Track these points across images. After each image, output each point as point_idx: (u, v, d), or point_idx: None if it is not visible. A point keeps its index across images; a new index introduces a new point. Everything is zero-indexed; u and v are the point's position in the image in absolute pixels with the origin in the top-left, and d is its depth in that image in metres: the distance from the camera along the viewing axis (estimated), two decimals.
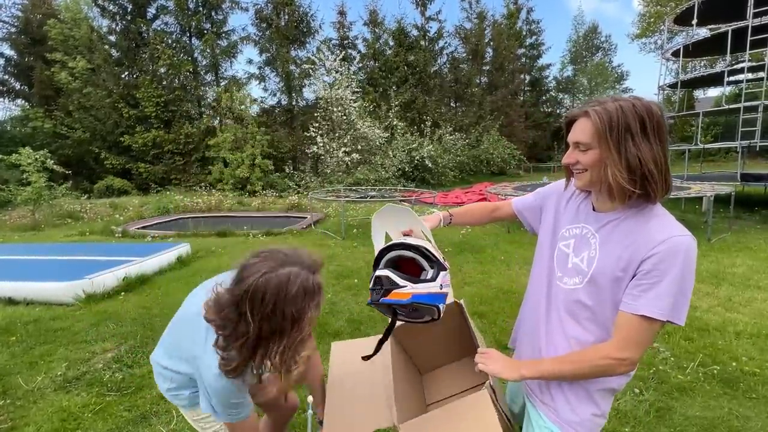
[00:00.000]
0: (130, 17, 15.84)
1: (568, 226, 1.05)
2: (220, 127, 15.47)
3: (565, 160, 0.96)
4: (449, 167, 17.32)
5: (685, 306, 0.86)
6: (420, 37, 21.06)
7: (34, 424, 2.02)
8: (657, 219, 0.89)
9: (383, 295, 0.96)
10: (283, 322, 0.87)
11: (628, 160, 0.84)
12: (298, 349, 0.90)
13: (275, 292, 0.86)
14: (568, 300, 1.00)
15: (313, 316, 0.90)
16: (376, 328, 3.15)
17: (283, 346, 0.88)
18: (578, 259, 0.99)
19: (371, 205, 10.57)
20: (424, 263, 1.03)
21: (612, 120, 0.84)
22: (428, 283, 0.99)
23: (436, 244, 1.10)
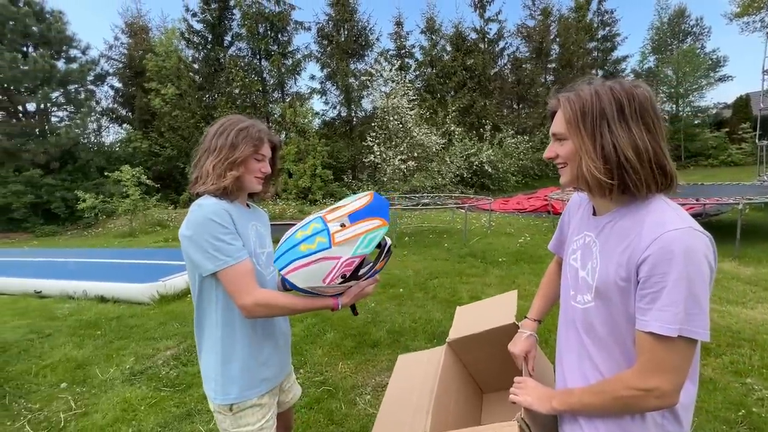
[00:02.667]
0: (210, 46, 17.69)
1: (575, 237, 0.94)
2: (285, 141, 16.51)
3: (545, 154, 0.88)
4: (511, 172, 16.54)
5: (701, 315, 0.69)
6: (479, 40, 20.55)
7: (102, 411, 2.28)
8: (653, 215, 0.75)
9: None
10: (225, 140, 1.11)
11: (603, 148, 0.75)
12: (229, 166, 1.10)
13: (231, 123, 1.15)
14: (585, 321, 0.87)
15: (245, 150, 1.12)
16: (416, 340, 3.05)
17: (220, 157, 1.10)
18: (584, 272, 0.87)
19: (425, 212, 10.45)
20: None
21: (585, 106, 0.76)
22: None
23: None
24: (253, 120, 1.18)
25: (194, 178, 1.14)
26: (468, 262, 5.42)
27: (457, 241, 6.85)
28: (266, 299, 1.04)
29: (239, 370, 1.13)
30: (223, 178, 1.09)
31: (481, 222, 8.86)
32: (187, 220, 1.05)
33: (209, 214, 1.03)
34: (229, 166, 1.10)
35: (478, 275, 4.80)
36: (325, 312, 1.21)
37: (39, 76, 13.87)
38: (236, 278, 1.03)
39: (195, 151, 1.19)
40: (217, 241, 1.02)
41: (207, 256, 1.02)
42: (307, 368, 2.70)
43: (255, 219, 1.24)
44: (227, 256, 1.03)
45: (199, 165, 1.14)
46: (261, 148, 1.16)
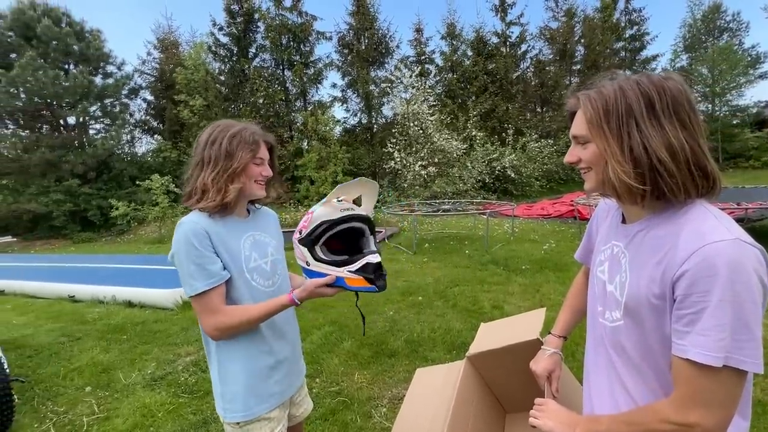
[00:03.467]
0: (236, 58, 18.29)
1: (603, 246, 0.86)
2: (307, 148, 16.78)
3: (566, 159, 0.81)
4: (535, 176, 16.14)
5: (751, 342, 0.59)
6: (500, 44, 20.30)
7: (122, 417, 2.31)
8: (692, 223, 0.66)
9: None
10: (219, 150, 1.05)
11: (632, 150, 0.67)
12: (230, 178, 1.06)
13: (221, 129, 1.09)
14: (615, 340, 0.79)
15: (244, 158, 1.06)
16: (435, 351, 2.97)
17: (217, 169, 1.04)
18: (612, 286, 0.79)
19: (445, 218, 10.31)
20: (369, 238, 1.10)
21: (608, 103, 0.69)
22: (360, 276, 1.04)
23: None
24: (243, 123, 1.13)
25: (188, 192, 1.09)
26: (490, 270, 5.27)
27: (479, 247, 6.69)
28: (221, 323, 1.02)
29: (243, 386, 1.10)
30: (226, 193, 1.05)
31: (504, 228, 8.64)
32: (173, 239, 1.03)
33: (186, 235, 1.00)
34: (229, 178, 1.06)
35: (501, 283, 4.65)
36: (343, 320, 1.20)
37: (78, 92, 14.71)
38: (200, 305, 1.02)
39: (186, 164, 1.13)
40: (192, 264, 1.00)
41: (184, 281, 1.02)
42: (323, 377, 2.66)
43: (254, 228, 1.19)
44: (196, 281, 1.00)
45: (193, 178, 1.08)
46: (258, 152, 1.11)
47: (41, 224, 14.18)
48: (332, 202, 1.08)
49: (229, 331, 1.03)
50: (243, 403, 1.10)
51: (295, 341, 1.26)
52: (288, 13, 17.45)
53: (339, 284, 1.03)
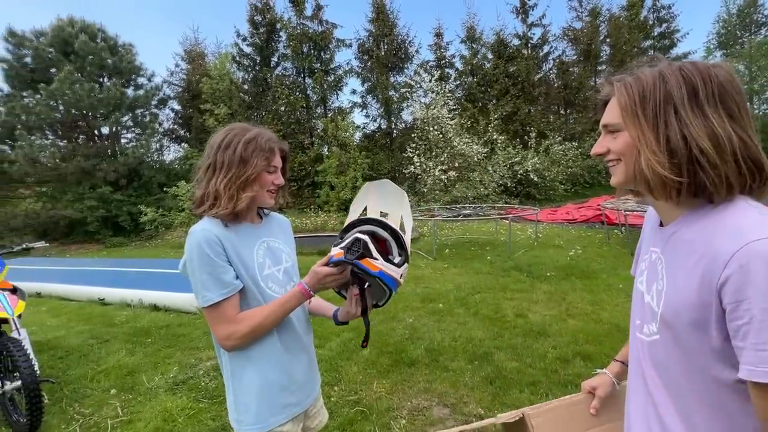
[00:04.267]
0: (258, 67, 18.75)
1: (644, 255, 0.79)
2: (328, 154, 16.95)
3: (594, 150, 0.74)
4: (559, 180, 15.71)
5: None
6: (522, 46, 19.99)
7: (144, 420, 2.35)
8: (732, 219, 0.59)
9: (357, 257, 0.97)
10: (233, 155, 1.01)
11: (669, 140, 0.61)
12: (242, 185, 1.02)
13: (236, 133, 1.04)
14: (651, 357, 0.71)
15: (258, 165, 1.03)
16: (456, 361, 2.88)
17: (230, 176, 1.00)
18: (649, 296, 0.72)
19: (466, 223, 10.15)
20: (394, 248, 1.03)
21: (645, 89, 0.64)
22: (395, 267, 1.00)
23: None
24: (258, 128, 1.09)
25: (199, 197, 1.04)
26: (512, 276, 5.12)
27: (501, 253, 6.53)
28: (234, 332, 0.99)
29: (256, 396, 1.06)
30: (238, 201, 1.02)
31: (527, 233, 8.41)
32: (185, 248, 1.01)
33: (198, 244, 0.97)
34: (242, 185, 1.02)
35: (524, 290, 4.50)
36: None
37: (112, 103, 15.42)
38: (213, 316, 1.00)
39: (196, 166, 1.10)
40: (204, 274, 0.97)
41: (196, 291, 1.00)
42: (342, 386, 2.63)
43: (267, 234, 1.16)
44: (209, 292, 0.98)
45: (204, 182, 1.04)
46: (273, 160, 1.08)
47: (76, 229, 14.89)
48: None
49: (244, 339, 1.01)
50: (256, 415, 1.07)
51: (310, 350, 1.23)
52: (309, 22, 17.78)
53: (330, 261, 1.01)
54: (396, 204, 1.13)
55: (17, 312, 2.28)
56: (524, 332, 3.31)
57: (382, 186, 1.14)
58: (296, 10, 17.53)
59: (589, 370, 2.59)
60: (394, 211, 1.12)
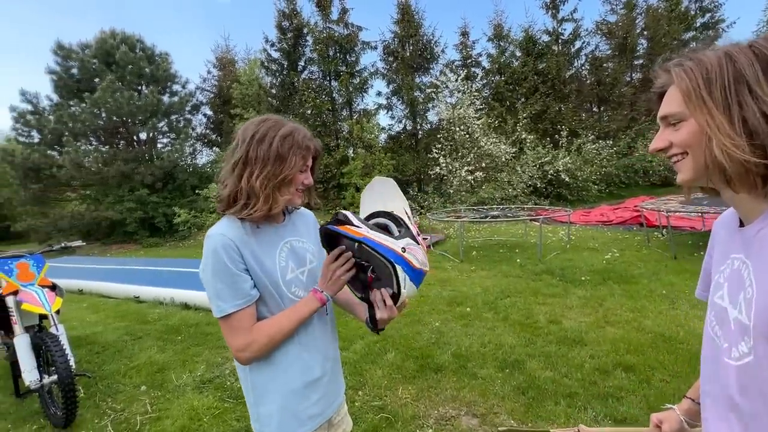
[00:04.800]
0: (286, 72, 19.15)
1: (720, 266, 0.68)
2: (353, 156, 17.05)
3: (653, 145, 0.66)
4: (592, 180, 15.06)
5: None
6: (552, 42, 19.35)
7: (171, 418, 2.37)
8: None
9: (334, 224, 0.89)
10: (269, 151, 0.92)
11: (745, 120, 0.54)
12: (278, 185, 0.94)
13: (270, 126, 0.95)
14: (742, 385, 0.58)
15: (296, 164, 0.95)
16: (485, 368, 2.75)
17: (265, 173, 0.92)
18: (736, 310, 0.61)
19: (494, 225, 9.88)
20: (393, 228, 0.94)
21: (710, 71, 0.57)
22: (387, 237, 0.89)
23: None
24: (293, 123, 1.01)
25: (228, 195, 0.95)
26: (544, 280, 4.90)
27: (531, 256, 6.28)
28: (249, 344, 0.93)
29: (279, 406, 1.01)
30: (275, 203, 0.94)
31: (559, 235, 8.07)
32: (203, 253, 0.94)
33: (215, 250, 0.90)
34: (278, 185, 0.94)
35: (557, 295, 4.29)
36: (387, 330, 1.09)
37: (149, 110, 16.18)
38: (227, 327, 0.93)
39: (223, 156, 1.01)
40: (219, 283, 0.91)
41: (211, 300, 0.94)
42: (366, 390, 2.56)
43: (291, 233, 1.09)
44: (223, 302, 0.92)
45: (233, 178, 0.95)
46: (308, 159, 1.01)
47: (117, 230, 15.70)
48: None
49: (260, 351, 0.95)
50: (278, 425, 1.01)
51: (334, 356, 1.16)
52: (335, 25, 17.98)
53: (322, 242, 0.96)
54: (390, 197, 1.05)
55: (54, 308, 2.36)
56: (558, 339, 3.13)
57: (372, 189, 1.07)
58: (322, 15, 17.78)
59: (633, 383, 2.39)
60: (394, 205, 1.04)
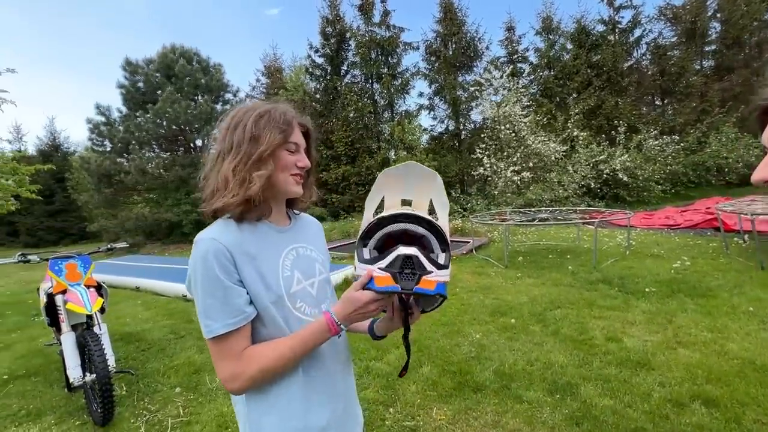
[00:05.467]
0: (329, 77, 19.53)
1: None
2: (394, 158, 16.96)
3: (759, 175, 0.53)
4: (655, 180, 13.72)
5: None
6: (607, 32, 17.98)
7: (201, 423, 2.35)
8: None
9: (417, 283, 0.77)
10: (243, 133, 0.84)
11: None
12: (252, 165, 0.83)
13: (245, 111, 0.88)
14: None
15: (272, 139, 0.84)
16: (532, 390, 2.46)
17: (238, 158, 0.83)
18: None
19: (542, 229, 9.27)
20: (435, 245, 0.81)
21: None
22: (444, 271, 0.79)
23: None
24: (273, 104, 0.90)
25: (210, 191, 0.85)
26: (600, 291, 4.42)
27: (585, 263, 5.75)
28: (240, 372, 0.78)
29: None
30: (249, 183, 0.81)
31: (616, 240, 7.36)
32: (189, 261, 0.82)
33: (204, 258, 0.78)
34: (254, 165, 0.82)
35: (616, 308, 3.83)
36: (424, 340, 0.98)
37: (203, 118, 17.23)
38: (216, 349, 0.79)
39: (203, 160, 0.91)
40: (208, 298, 0.78)
41: (199, 317, 0.80)
42: (398, 408, 2.38)
43: (297, 239, 0.94)
44: (213, 321, 0.78)
45: (214, 173, 0.85)
46: (291, 134, 0.87)
47: (175, 231, 16.85)
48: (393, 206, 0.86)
49: (251, 383, 0.80)
50: None
51: (345, 389, 0.98)
52: (377, 28, 18.05)
53: (369, 286, 0.78)
54: (423, 188, 0.90)
55: (95, 308, 2.45)
56: (619, 361, 2.75)
57: (406, 170, 0.90)
58: (365, 18, 17.92)
59: (717, 422, 2.00)
60: (419, 196, 0.89)
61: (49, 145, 23.63)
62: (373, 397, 2.49)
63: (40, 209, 21.64)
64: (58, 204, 22.24)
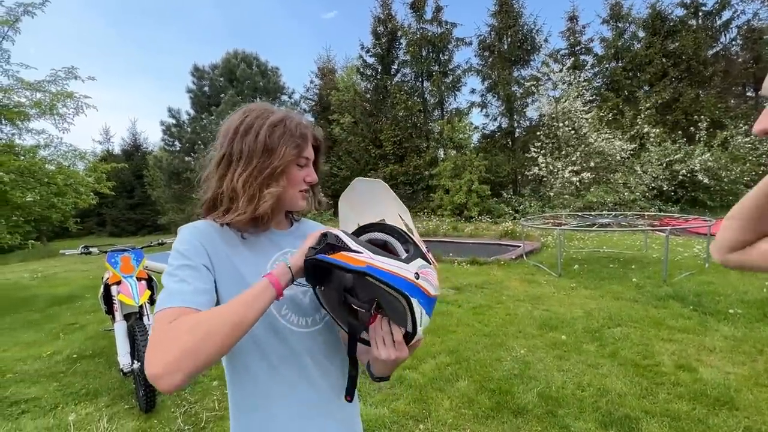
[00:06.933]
0: (380, 76, 19.61)
1: None
2: (443, 157, 16.61)
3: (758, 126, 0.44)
4: (743, 182, 12.04)
5: None
6: (688, 16, 16.09)
7: None
8: None
9: (323, 252, 0.63)
10: (255, 143, 0.77)
11: None
12: (266, 180, 0.77)
13: (257, 116, 0.80)
14: None
15: (287, 154, 0.77)
16: (582, 420, 2.19)
17: (250, 169, 0.77)
18: None
19: (603, 234, 8.50)
20: (398, 247, 0.71)
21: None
22: (396, 261, 0.65)
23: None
24: (285, 110, 0.83)
25: (209, 199, 0.79)
26: (671, 308, 3.90)
27: (653, 275, 5.13)
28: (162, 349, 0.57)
29: None
30: (260, 201, 0.75)
31: (693, 251, 6.51)
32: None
33: (181, 237, 0.75)
34: (265, 181, 0.76)
35: (690, 331, 3.34)
36: (463, 350, 0.87)
37: None
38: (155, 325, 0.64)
39: (203, 158, 0.84)
40: (174, 270, 0.69)
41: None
42: (428, 425, 2.23)
43: (293, 243, 0.86)
44: (167, 297, 0.65)
45: (216, 179, 0.79)
46: (305, 149, 0.80)
47: None
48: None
49: (185, 364, 0.56)
50: None
51: (339, 411, 0.84)
52: (428, 25, 17.78)
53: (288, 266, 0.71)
54: (380, 203, 0.83)
55: (143, 300, 2.59)
56: (692, 395, 2.36)
57: (353, 192, 0.84)
58: (416, 15, 17.72)
59: None
60: (388, 213, 0.81)
61: (131, 145, 26.34)
62: (404, 409, 2.37)
63: (123, 203, 24.27)
64: (137, 198, 24.68)
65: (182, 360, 0.55)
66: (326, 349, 0.84)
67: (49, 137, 6.35)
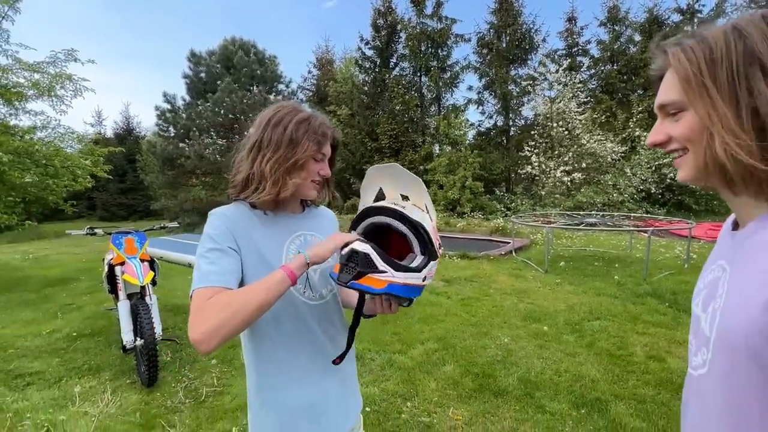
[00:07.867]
0: (378, 69, 19.60)
1: (705, 272, 0.61)
2: (438, 153, 16.75)
3: (650, 139, 0.56)
4: None
5: None
6: (684, 22, 16.32)
7: (231, 395, 2.53)
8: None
9: (355, 278, 0.78)
10: (282, 135, 0.89)
11: (757, 112, 0.44)
12: (289, 169, 0.90)
13: (287, 111, 0.93)
14: (698, 397, 0.55)
15: (309, 149, 0.91)
16: (557, 401, 2.37)
17: (276, 156, 0.89)
18: (705, 320, 0.53)
19: (590, 234, 8.75)
20: (415, 246, 0.82)
21: (713, 52, 0.47)
22: (411, 273, 0.80)
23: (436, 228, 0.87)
24: (312, 111, 0.97)
25: (242, 180, 0.92)
26: (648, 305, 4.12)
27: (634, 274, 5.37)
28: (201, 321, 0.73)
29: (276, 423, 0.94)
30: (283, 188, 0.89)
31: (675, 252, 6.78)
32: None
33: (210, 221, 0.90)
34: (287, 170, 0.89)
35: (664, 326, 3.55)
36: (450, 338, 0.99)
37: (257, 107, 18.05)
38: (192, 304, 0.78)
39: (240, 144, 0.97)
40: (205, 253, 0.85)
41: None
42: (415, 403, 2.40)
43: (307, 226, 1.02)
44: (201, 277, 0.81)
45: (248, 162, 0.92)
46: (324, 146, 0.95)
47: None
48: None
49: (218, 333, 0.72)
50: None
51: (343, 369, 1.02)
52: (428, 20, 17.77)
53: (330, 273, 0.88)
54: (414, 191, 0.91)
55: (146, 280, 2.71)
56: (658, 382, 2.56)
57: (393, 169, 0.90)
58: (416, 10, 17.70)
59: None
60: (414, 195, 0.90)
61: (124, 129, 26.03)
62: (393, 389, 2.54)
63: (114, 187, 24.04)
64: (129, 183, 24.48)
65: (217, 330, 0.73)
66: (332, 317, 1.01)
67: (47, 119, 6.35)
